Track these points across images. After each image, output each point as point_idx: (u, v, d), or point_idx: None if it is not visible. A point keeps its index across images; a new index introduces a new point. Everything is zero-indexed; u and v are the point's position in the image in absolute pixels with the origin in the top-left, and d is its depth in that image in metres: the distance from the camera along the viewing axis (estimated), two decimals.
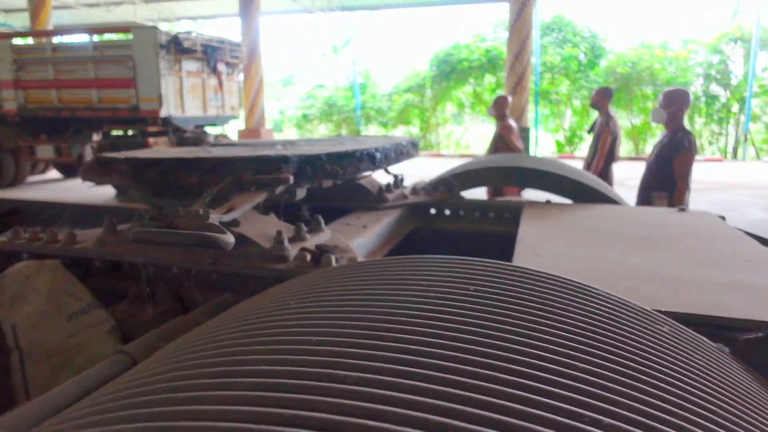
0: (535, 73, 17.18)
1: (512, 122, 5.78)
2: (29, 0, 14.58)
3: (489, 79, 18.86)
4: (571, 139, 18.20)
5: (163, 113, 9.27)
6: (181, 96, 9.65)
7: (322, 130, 21.73)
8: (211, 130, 10.97)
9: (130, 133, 10.02)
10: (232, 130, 11.51)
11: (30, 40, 11.17)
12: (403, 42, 31.01)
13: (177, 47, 9.32)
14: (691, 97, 3.99)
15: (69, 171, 12.41)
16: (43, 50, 9.71)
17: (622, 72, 16.64)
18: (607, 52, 18.51)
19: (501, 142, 5.58)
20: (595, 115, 5.75)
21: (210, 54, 9.95)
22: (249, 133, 12.04)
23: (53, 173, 12.69)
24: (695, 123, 17.27)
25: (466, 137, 21.06)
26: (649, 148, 18.32)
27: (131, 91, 9.28)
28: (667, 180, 3.75)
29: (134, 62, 9.13)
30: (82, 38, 10.02)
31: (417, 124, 20.56)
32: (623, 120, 17.26)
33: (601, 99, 5.50)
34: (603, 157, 5.25)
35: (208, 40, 9.92)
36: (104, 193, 9.93)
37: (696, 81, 16.93)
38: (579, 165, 4.90)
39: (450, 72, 17.76)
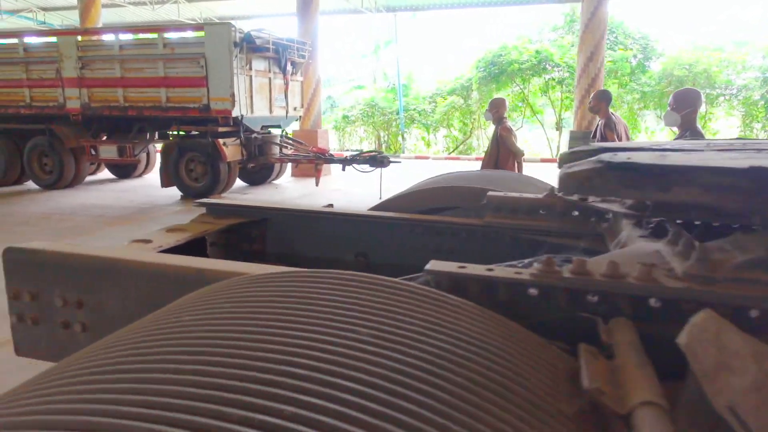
0: (576, 76, 16.76)
1: (510, 124, 5.73)
2: None
3: (535, 81, 18.47)
4: None
5: (234, 113, 8.98)
6: (251, 96, 9.37)
7: (361, 133, 21.44)
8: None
9: (193, 133, 9.74)
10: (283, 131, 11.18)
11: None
12: (445, 44, 30.53)
13: (249, 45, 9.03)
14: (703, 98, 3.91)
15: (123, 172, 12.19)
16: (111, 47, 9.45)
17: (678, 75, 16.15)
18: (658, 55, 18.04)
19: (501, 144, 5.53)
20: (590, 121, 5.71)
21: (281, 53, 9.66)
22: (305, 135, 11.73)
23: (104, 174, 12.48)
24: (753, 129, 16.74)
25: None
26: None
27: (202, 90, 9.00)
28: None
29: (206, 60, 8.85)
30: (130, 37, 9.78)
31: (457, 126, 20.21)
32: None
33: (599, 102, 5.51)
34: None
35: (279, 39, 9.63)
36: (170, 195, 9.68)
37: (755, 84, 16.38)
38: None
39: (499, 74, 17.38)
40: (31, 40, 10.39)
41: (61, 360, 0.81)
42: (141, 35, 9.63)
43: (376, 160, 9.21)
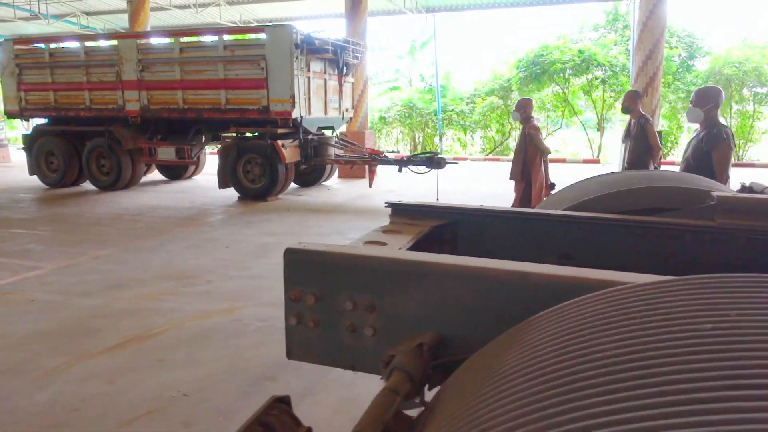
0: (631, 75, 16.49)
1: (536, 122, 5.78)
2: (129, 2, 14.68)
3: (574, 80, 18.23)
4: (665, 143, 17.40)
5: (294, 114, 9.02)
6: (308, 97, 9.40)
7: (396, 134, 21.40)
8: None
9: (248, 135, 9.80)
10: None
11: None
12: (482, 44, 30.29)
13: (309, 47, 9.07)
14: (724, 94, 3.98)
15: (173, 173, 12.34)
16: (171, 50, 9.57)
17: (728, 73, 15.80)
18: (704, 53, 17.67)
19: (529, 142, 5.56)
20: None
21: (339, 54, 9.68)
22: (353, 136, 11.73)
23: (153, 175, 12.64)
24: None
25: (549, 142, 20.43)
26: (751, 153, 17.37)
27: (262, 92, 9.06)
28: (705, 173, 3.68)
29: (267, 62, 8.91)
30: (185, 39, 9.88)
31: (494, 128, 20.04)
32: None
33: (633, 102, 5.59)
34: (659, 151, 5.42)
35: (337, 40, 9.65)
36: (228, 196, 9.76)
37: None
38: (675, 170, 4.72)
39: (541, 74, 17.20)
40: (91, 43, 10.59)
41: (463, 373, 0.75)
42: (201, 38, 9.73)
43: (433, 161, 9.17)
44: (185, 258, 5.76)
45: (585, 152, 20.86)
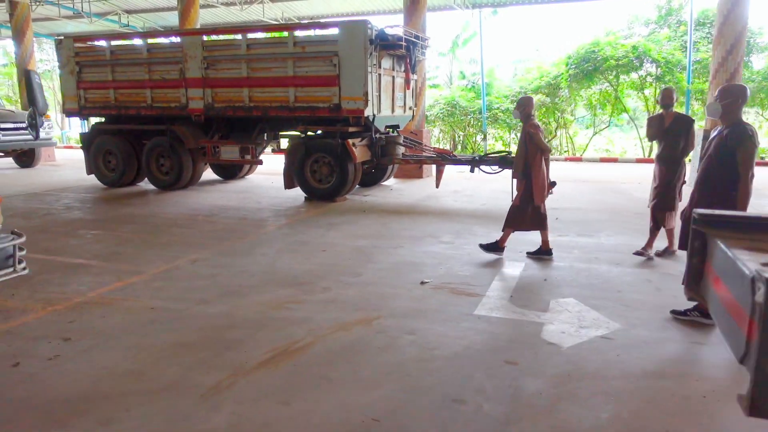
0: (688, 71, 15.98)
1: (537, 121, 5.67)
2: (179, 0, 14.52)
3: (624, 78, 17.71)
4: None
5: (366, 113, 8.74)
6: (379, 95, 9.12)
7: (436, 132, 21.05)
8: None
9: (310, 134, 9.54)
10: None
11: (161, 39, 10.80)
12: (527, 40, 29.53)
13: (382, 42, 8.79)
14: (748, 93, 3.93)
15: (228, 173, 12.15)
16: (238, 47, 9.34)
17: None
18: (761, 49, 17.05)
19: (529, 141, 5.46)
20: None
21: (411, 50, 9.39)
22: (411, 134, 11.43)
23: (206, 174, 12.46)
24: None
25: (596, 141, 19.98)
26: None
27: (333, 89, 8.79)
28: (729, 171, 3.80)
29: (339, 59, 8.64)
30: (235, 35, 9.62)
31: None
32: None
33: (670, 99, 5.57)
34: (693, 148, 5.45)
35: (409, 35, 9.34)
36: (293, 196, 9.51)
37: None
38: None
39: (593, 70, 16.73)
40: (154, 40, 10.42)
41: None
42: (270, 34, 9.50)
43: (507, 160, 8.83)
44: (287, 262, 5.51)
45: (632, 151, 20.33)
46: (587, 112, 19.38)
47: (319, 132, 9.41)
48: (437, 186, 9.53)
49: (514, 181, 5.85)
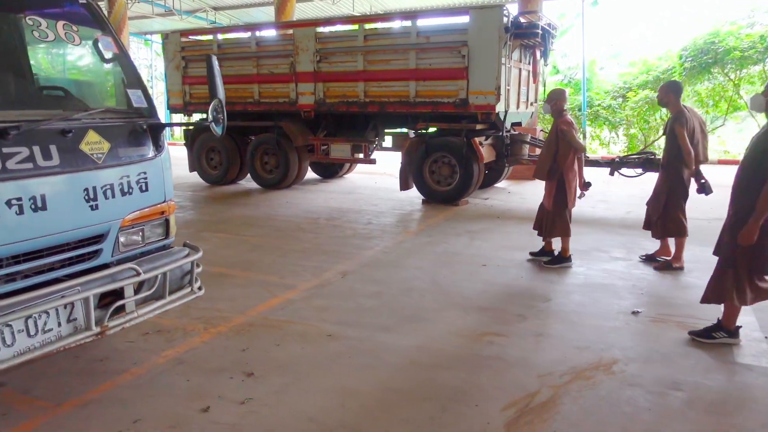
0: None
1: (570, 117, 5.11)
2: None
3: (745, 71, 16.02)
4: None
5: (498, 108, 7.94)
6: (508, 89, 8.29)
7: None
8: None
9: (431, 130, 8.82)
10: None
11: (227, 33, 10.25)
12: (629, 32, 27.21)
13: (517, 31, 7.95)
14: None
15: (328, 172, 11.63)
16: (354, 38, 8.73)
17: None
18: None
19: (561, 138, 4.91)
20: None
21: (546, 39, 8.51)
22: (526, 130, 10.51)
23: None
24: None
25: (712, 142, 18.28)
26: None
27: (461, 83, 8.03)
28: (761, 171, 3.21)
29: (469, 49, 7.87)
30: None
31: (637, 125, 18.11)
32: None
33: (667, 94, 4.96)
34: (689, 155, 4.75)
35: (545, 23, 8.46)
36: (409, 198, 8.84)
37: None
38: None
39: (712, 63, 15.20)
40: (263, 33, 10.01)
41: None
42: (390, 23, 8.86)
43: (653, 162, 7.80)
44: (449, 279, 4.81)
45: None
46: (699, 109, 17.74)
47: (433, 129, 8.68)
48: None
49: (543, 184, 5.26)
